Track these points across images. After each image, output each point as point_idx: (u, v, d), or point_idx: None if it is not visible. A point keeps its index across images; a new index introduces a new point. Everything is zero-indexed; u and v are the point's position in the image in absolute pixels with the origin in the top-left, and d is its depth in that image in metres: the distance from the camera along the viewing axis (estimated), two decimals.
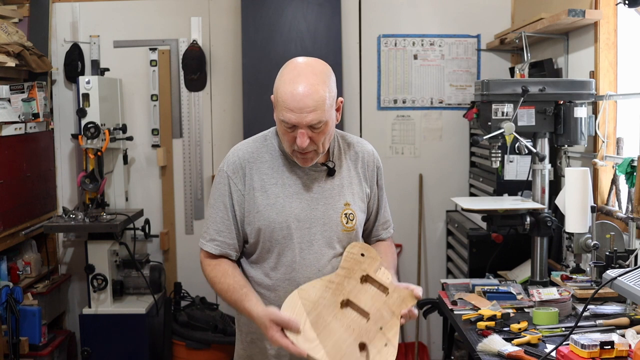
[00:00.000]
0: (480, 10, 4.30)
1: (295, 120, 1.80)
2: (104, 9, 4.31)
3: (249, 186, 1.95)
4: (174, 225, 4.43)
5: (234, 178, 1.96)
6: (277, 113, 1.85)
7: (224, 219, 1.96)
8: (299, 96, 1.78)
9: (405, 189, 4.37)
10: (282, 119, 1.83)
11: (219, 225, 1.97)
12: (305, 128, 1.81)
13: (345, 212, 1.97)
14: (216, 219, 1.97)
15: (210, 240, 1.98)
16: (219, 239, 1.97)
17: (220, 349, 3.97)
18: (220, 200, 1.97)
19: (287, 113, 1.80)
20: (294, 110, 1.79)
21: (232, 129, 4.34)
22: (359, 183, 2.04)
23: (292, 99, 1.79)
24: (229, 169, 1.98)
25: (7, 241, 3.63)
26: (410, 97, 4.36)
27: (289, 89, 1.80)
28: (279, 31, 4.09)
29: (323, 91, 1.81)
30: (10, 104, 3.74)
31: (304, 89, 1.79)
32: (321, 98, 1.80)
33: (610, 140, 3.06)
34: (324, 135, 1.85)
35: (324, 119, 1.82)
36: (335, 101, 1.89)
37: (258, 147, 1.99)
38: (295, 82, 1.80)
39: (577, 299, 2.54)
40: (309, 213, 1.94)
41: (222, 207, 1.97)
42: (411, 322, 4.40)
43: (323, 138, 1.86)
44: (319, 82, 1.82)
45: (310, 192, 1.96)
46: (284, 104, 1.80)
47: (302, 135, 1.81)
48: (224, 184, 1.97)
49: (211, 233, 1.98)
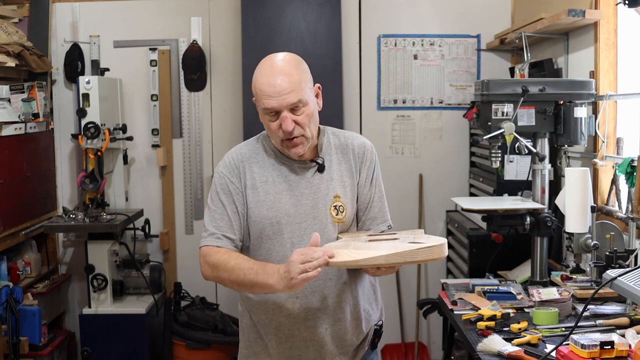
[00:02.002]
0: (480, 10, 4.30)
1: (276, 104, 1.89)
2: (104, 9, 4.31)
3: (244, 184, 2.00)
4: (174, 225, 4.43)
5: (231, 177, 2.00)
6: (259, 105, 1.94)
7: (222, 215, 1.98)
8: (274, 82, 1.89)
9: (405, 189, 4.37)
10: (263, 108, 1.91)
11: (217, 222, 1.98)
12: (287, 111, 1.90)
13: (334, 204, 1.99)
14: (215, 216, 1.99)
15: (210, 235, 1.98)
16: (218, 233, 1.97)
17: (220, 349, 3.97)
18: (218, 199, 1.99)
19: (267, 100, 1.90)
20: (273, 95, 1.89)
21: (232, 129, 4.34)
22: (350, 176, 2.05)
23: (269, 85, 1.90)
24: (225, 169, 2.02)
25: (7, 241, 3.63)
26: (410, 97, 4.36)
27: (265, 79, 1.91)
28: (279, 31, 4.08)
29: (297, 74, 1.92)
30: (10, 104, 3.74)
31: (278, 75, 1.90)
32: (296, 80, 1.91)
33: (610, 140, 3.06)
34: (307, 117, 1.93)
35: (303, 98, 1.91)
36: (312, 87, 1.98)
37: (250, 149, 2.05)
38: (268, 72, 1.92)
39: (577, 299, 2.54)
40: (298, 209, 1.97)
41: (220, 206, 1.99)
42: (411, 322, 4.43)
43: (307, 121, 1.93)
44: (292, 67, 1.93)
45: (300, 188, 1.99)
46: (263, 92, 1.91)
47: (285, 119, 1.90)
48: (223, 184, 2.01)
49: (210, 230, 1.98)
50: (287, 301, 1.97)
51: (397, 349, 4.42)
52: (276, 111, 1.90)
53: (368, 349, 2.12)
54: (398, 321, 4.44)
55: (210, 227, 1.98)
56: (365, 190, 2.07)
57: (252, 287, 1.87)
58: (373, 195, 2.08)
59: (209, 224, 1.99)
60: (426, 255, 1.68)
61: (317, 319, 1.98)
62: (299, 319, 1.97)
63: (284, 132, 1.91)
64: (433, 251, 1.68)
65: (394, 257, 1.68)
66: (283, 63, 1.94)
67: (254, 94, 1.97)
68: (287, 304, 1.97)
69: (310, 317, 1.97)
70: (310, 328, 1.98)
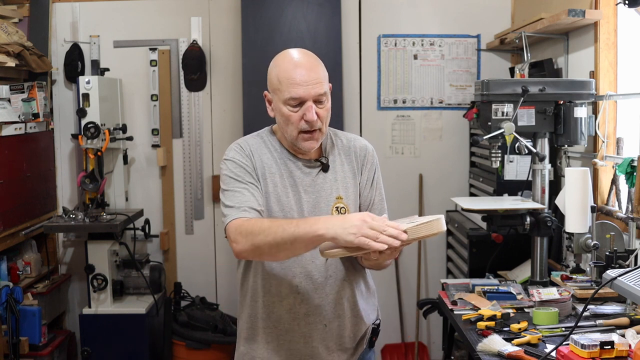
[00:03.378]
0: (480, 10, 4.31)
1: (304, 93, 1.88)
2: (104, 9, 4.31)
3: (256, 169, 1.97)
4: (174, 225, 4.43)
5: (244, 160, 1.97)
6: (282, 95, 1.91)
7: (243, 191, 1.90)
8: (304, 72, 1.89)
9: (405, 189, 4.37)
10: (289, 97, 1.89)
11: (238, 197, 1.89)
12: (311, 102, 1.90)
13: (336, 205, 2.00)
14: (234, 194, 1.90)
15: (234, 209, 1.86)
16: (243, 206, 1.87)
17: (220, 349, 3.97)
18: (233, 179, 1.93)
19: (295, 88, 1.88)
20: (302, 84, 1.88)
21: (232, 129, 4.34)
22: (353, 177, 2.06)
23: (299, 74, 1.89)
24: (236, 154, 1.98)
25: (7, 241, 3.63)
26: (410, 97, 4.36)
27: (292, 69, 1.90)
28: (279, 31, 4.09)
29: (322, 69, 1.95)
30: (10, 104, 3.74)
31: (306, 66, 1.91)
32: (322, 73, 1.94)
33: (610, 140, 3.06)
34: (327, 112, 1.95)
35: (327, 92, 1.94)
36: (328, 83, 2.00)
37: (256, 142, 2.04)
38: (296, 64, 1.92)
39: (577, 299, 2.54)
40: (301, 206, 1.97)
41: (237, 184, 1.92)
42: (411, 322, 4.43)
43: (327, 116, 1.95)
44: (316, 61, 1.96)
45: (304, 185, 1.99)
46: (291, 81, 1.89)
47: (310, 108, 1.89)
48: (236, 166, 1.95)
49: (233, 205, 1.88)
50: (289, 296, 1.97)
51: (397, 349, 4.42)
52: (300, 102, 1.89)
53: (366, 347, 2.12)
54: (398, 321, 4.44)
55: (231, 203, 1.88)
56: (366, 192, 2.08)
57: (294, 244, 1.73)
58: (373, 198, 2.09)
59: (229, 201, 1.89)
60: (427, 230, 1.70)
61: (317, 315, 1.98)
62: (299, 314, 1.98)
63: (307, 123, 1.90)
64: (432, 225, 1.70)
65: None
66: (308, 57, 1.95)
67: (273, 85, 1.94)
68: (288, 299, 1.97)
69: (311, 313, 1.98)
70: (310, 324, 1.99)
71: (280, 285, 1.97)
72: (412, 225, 1.71)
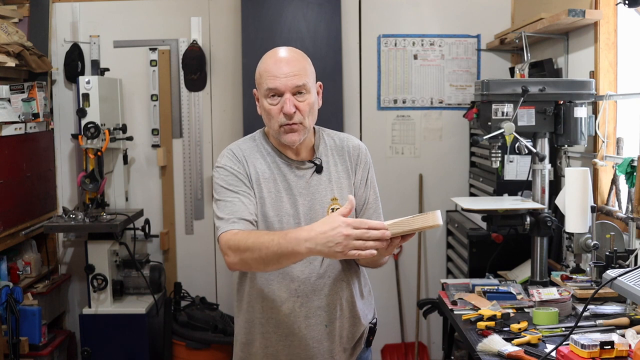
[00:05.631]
0: (480, 10, 4.31)
1: (280, 85, 1.89)
2: (104, 9, 4.31)
3: (249, 177, 1.97)
4: (174, 225, 4.43)
5: (237, 167, 1.97)
6: (262, 88, 1.93)
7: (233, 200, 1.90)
8: (281, 64, 1.91)
9: (405, 189, 4.37)
10: (267, 88, 1.91)
11: (229, 207, 1.89)
12: (290, 94, 1.90)
13: (332, 207, 1.99)
14: (225, 204, 1.90)
15: (224, 221, 1.87)
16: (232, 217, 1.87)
17: (220, 349, 3.97)
18: (225, 189, 1.93)
19: (271, 80, 1.90)
20: (278, 76, 1.90)
21: (232, 129, 4.34)
22: (347, 177, 2.05)
23: (276, 66, 1.91)
24: (228, 162, 1.98)
25: (7, 241, 3.63)
26: (410, 97, 4.36)
27: (271, 61, 1.93)
28: (279, 31, 4.08)
29: (303, 61, 1.95)
30: (10, 104, 3.74)
31: (286, 59, 1.93)
32: (303, 66, 1.93)
33: (610, 140, 3.06)
34: (308, 106, 1.92)
35: (307, 84, 1.92)
36: (315, 81, 1.99)
37: (249, 146, 2.03)
38: (277, 58, 1.94)
39: (577, 299, 2.54)
40: (296, 209, 1.97)
41: (228, 193, 1.92)
42: (411, 322, 4.43)
43: (308, 109, 1.92)
44: (298, 55, 1.97)
45: (298, 189, 1.98)
46: (268, 73, 1.91)
47: (288, 100, 1.89)
48: (228, 174, 1.96)
49: (223, 217, 1.88)
50: (288, 300, 1.96)
51: (397, 349, 4.42)
52: (279, 94, 1.90)
53: (364, 346, 2.12)
54: (398, 321, 4.44)
55: (222, 214, 1.89)
56: (360, 191, 2.07)
57: (279, 260, 1.74)
58: (368, 197, 2.08)
59: (221, 212, 1.90)
60: (422, 222, 1.69)
61: (317, 317, 1.98)
62: (299, 317, 1.97)
63: (285, 115, 1.89)
64: (427, 218, 1.69)
65: (392, 227, 1.69)
66: (292, 53, 1.96)
67: (256, 80, 1.96)
68: (287, 303, 1.97)
69: (311, 315, 1.98)
70: (310, 326, 1.98)
71: (280, 289, 1.96)
72: (406, 218, 1.71)
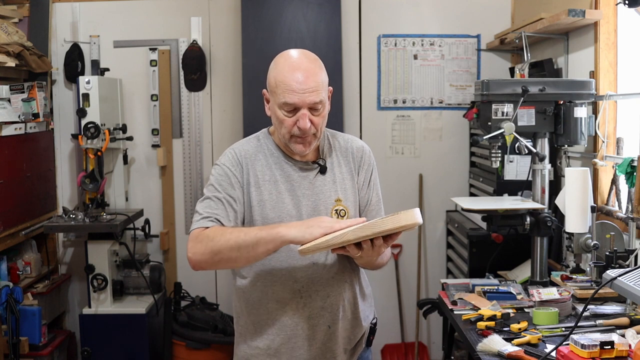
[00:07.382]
0: (480, 10, 4.31)
1: (298, 101, 1.86)
2: (104, 9, 4.31)
3: (246, 181, 1.97)
4: (174, 225, 4.43)
5: (234, 170, 1.97)
6: (277, 98, 1.90)
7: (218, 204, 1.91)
8: (300, 78, 1.87)
9: (405, 189, 4.36)
10: (284, 102, 1.88)
11: (213, 209, 1.90)
12: (306, 109, 1.88)
13: (336, 208, 1.99)
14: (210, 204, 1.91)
15: (203, 218, 1.89)
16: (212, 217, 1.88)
17: (220, 349, 3.97)
18: (215, 189, 1.94)
19: (289, 95, 1.87)
20: (297, 92, 1.86)
21: (232, 129, 4.34)
22: (351, 178, 2.05)
23: (295, 80, 1.86)
24: (227, 162, 1.99)
25: (7, 241, 3.63)
26: (410, 97, 4.36)
27: (290, 73, 1.88)
28: (279, 31, 4.08)
29: (322, 75, 1.92)
30: (10, 104, 3.74)
31: (304, 72, 1.88)
32: (320, 80, 1.90)
33: (610, 140, 3.06)
34: (322, 118, 1.93)
35: (324, 99, 1.91)
36: (327, 89, 1.97)
37: (253, 147, 2.03)
38: (295, 67, 1.89)
39: (577, 299, 2.54)
40: (299, 210, 1.96)
41: (217, 194, 1.92)
42: (411, 322, 4.43)
43: (321, 122, 1.93)
44: (316, 67, 1.93)
45: (302, 189, 1.98)
46: (286, 86, 1.87)
47: (304, 116, 1.88)
48: (223, 175, 1.96)
49: (203, 213, 1.90)
50: (292, 300, 1.96)
51: (397, 349, 4.42)
52: (294, 108, 1.88)
53: (364, 346, 2.13)
54: (398, 321, 4.45)
55: (202, 211, 1.90)
56: (363, 192, 2.07)
57: (256, 245, 1.76)
58: (371, 198, 2.08)
59: (202, 208, 1.91)
60: (393, 223, 1.64)
61: (320, 317, 1.98)
62: (302, 317, 1.97)
63: (299, 130, 1.89)
64: (400, 218, 1.64)
65: (360, 230, 1.66)
66: (308, 61, 1.91)
67: (271, 86, 1.92)
68: (291, 304, 1.96)
69: (314, 316, 1.97)
70: (313, 327, 1.98)
71: (283, 290, 1.96)
72: (379, 219, 1.68)
